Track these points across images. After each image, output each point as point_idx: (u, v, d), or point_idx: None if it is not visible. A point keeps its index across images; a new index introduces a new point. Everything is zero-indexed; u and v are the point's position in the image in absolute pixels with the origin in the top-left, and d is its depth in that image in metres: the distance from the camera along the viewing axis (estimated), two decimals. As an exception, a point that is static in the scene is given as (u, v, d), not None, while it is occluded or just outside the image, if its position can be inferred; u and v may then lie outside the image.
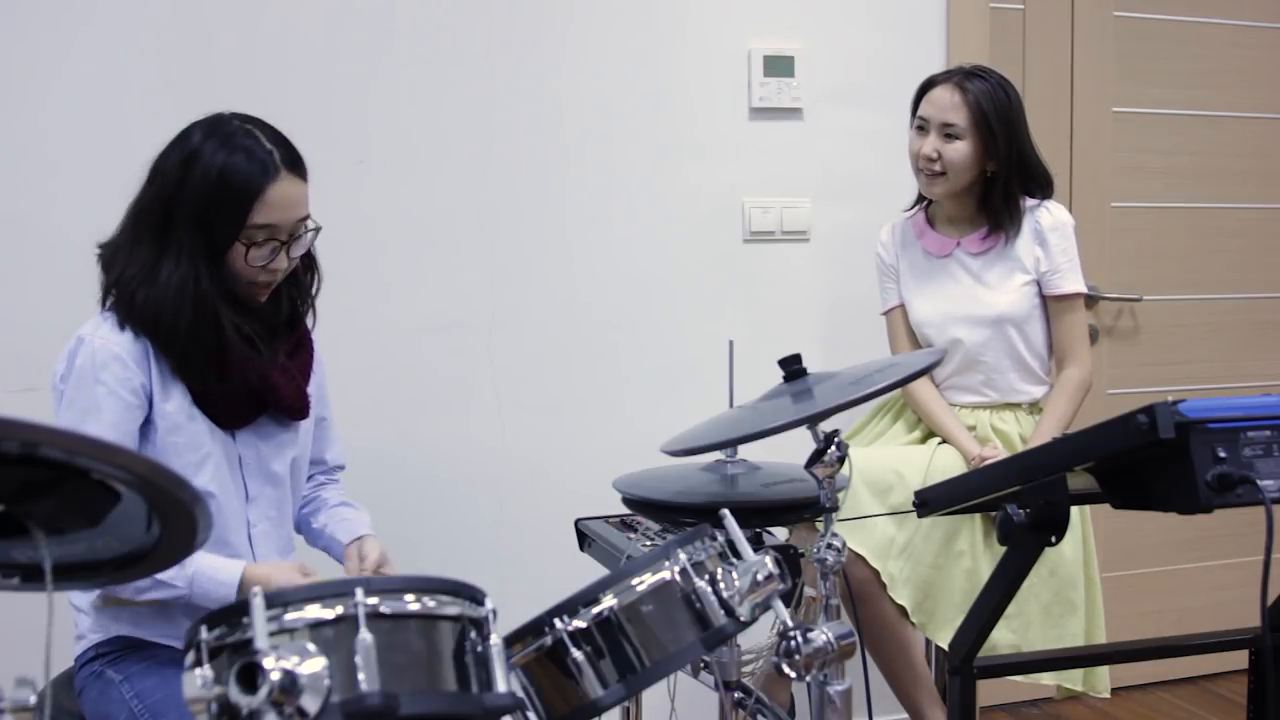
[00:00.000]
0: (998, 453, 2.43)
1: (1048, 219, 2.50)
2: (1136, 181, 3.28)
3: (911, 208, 2.67)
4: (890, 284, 2.65)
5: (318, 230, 1.87)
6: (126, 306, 1.80)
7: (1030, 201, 2.53)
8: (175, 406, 1.83)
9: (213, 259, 1.80)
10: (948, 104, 2.46)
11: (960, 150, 2.46)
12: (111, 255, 1.85)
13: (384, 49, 2.61)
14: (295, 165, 1.82)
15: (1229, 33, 3.32)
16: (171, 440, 1.81)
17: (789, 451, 1.97)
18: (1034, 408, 2.58)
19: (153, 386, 1.81)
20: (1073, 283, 2.51)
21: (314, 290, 1.99)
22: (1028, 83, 3.06)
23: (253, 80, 2.46)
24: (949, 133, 2.46)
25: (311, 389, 1.99)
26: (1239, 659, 2.04)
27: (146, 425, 1.82)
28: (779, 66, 2.85)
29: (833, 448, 1.63)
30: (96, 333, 1.80)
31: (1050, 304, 2.54)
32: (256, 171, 1.77)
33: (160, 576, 1.72)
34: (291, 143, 1.85)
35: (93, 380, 1.77)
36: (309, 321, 2.02)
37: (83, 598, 1.88)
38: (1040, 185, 2.53)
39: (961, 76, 2.48)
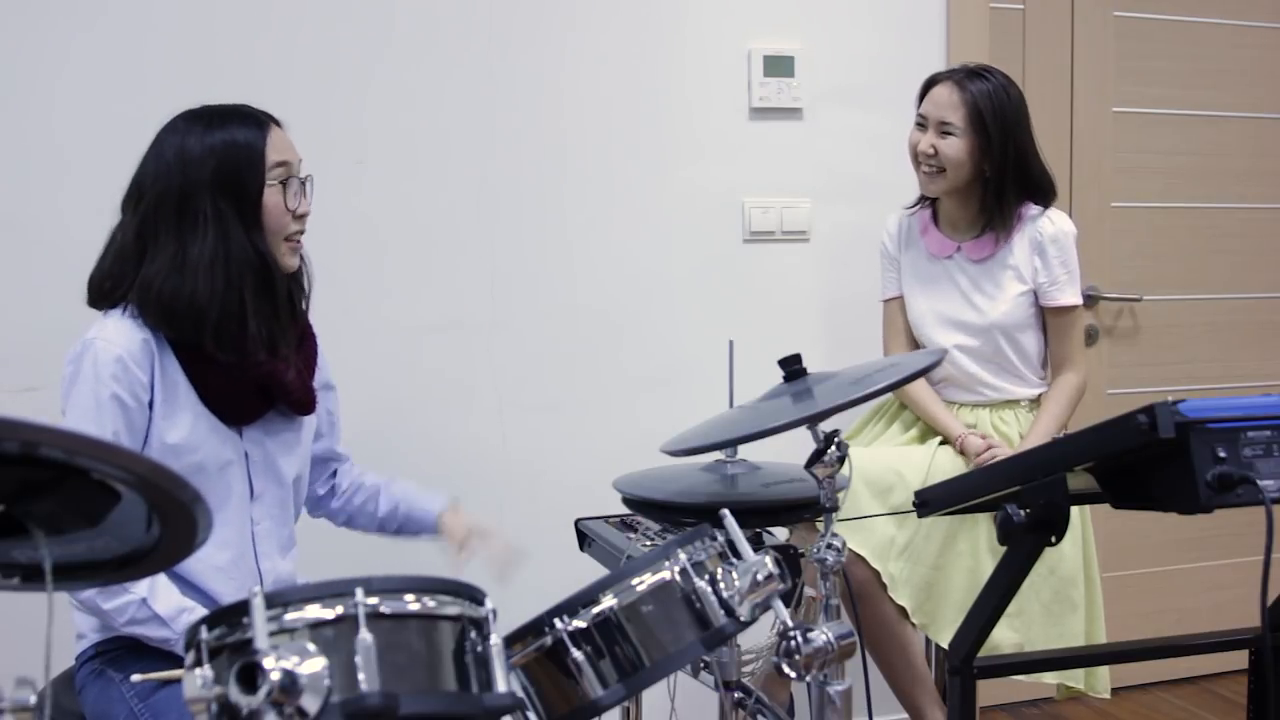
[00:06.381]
0: (1000, 451, 2.43)
1: (1049, 228, 2.49)
2: (1136, 181, 3.28)
3: (913, 206, 2.67)
4: (892, 274, 2.65)
5: (310, 177, 1.93)
6: (145, 301, 1.79)
7: (1034, 209, 2.52)
8: (179, 405, 1.82)
9: (244, 218, 1.82)
10: (946, 102, 2.46)
11: (955, 145, 2.45)
12: (118, 276, 1.83)
13: (383, 49, 2.61)
14: (271, 117, 1.91)
15: (1229, 33, 3.32)
16: (174, 442, 1.81)
17: (789, 451, 1.97)
18: (1034, 404, 2.58)
19: (155, 386, 1.80)
20: (1069, 296, 2.51)
21: (308, 284, 2.00)
22: (1028, 83, 3.05)
23: (254, 80, 2.45)
24: (945, 130, 2.46)
25: (316, 383, 2.00)
26: (1239, 659, 2.04)
27: (148, 425, 1.82)
28: (779, 66, 2.85)
29: (833, 448, 1.64)
30: (101, 334, 1.80)
31: (1047, 314, 2.54)
32: (252, 124, 1.85)
33: (159, 611, 1.76)
34: None
35: (94, 380, 1.77)
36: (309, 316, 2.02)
37: (82, 597, 1.88)
38: (1042, 191, 2.51)
39: (964, 75, 2.47)
